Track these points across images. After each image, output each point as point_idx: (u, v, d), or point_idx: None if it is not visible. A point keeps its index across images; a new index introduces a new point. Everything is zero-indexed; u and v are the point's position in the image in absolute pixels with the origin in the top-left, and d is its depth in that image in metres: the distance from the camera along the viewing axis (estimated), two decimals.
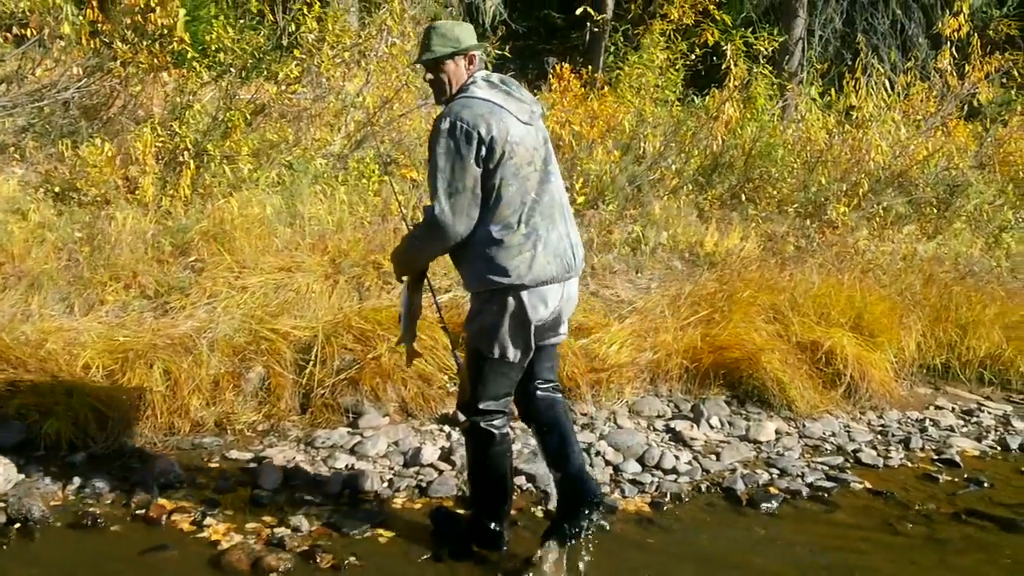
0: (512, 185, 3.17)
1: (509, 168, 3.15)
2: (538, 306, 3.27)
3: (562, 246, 3.29)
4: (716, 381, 5.56)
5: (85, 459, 4.19)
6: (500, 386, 3.39)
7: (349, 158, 7.57)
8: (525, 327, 3.27)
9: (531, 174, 3.23)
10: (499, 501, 3.57)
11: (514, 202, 3.18)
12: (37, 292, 5.17)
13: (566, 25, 21.13)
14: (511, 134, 3.15)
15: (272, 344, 4.95)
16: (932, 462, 4.96)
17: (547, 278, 3.23)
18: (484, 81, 3.28)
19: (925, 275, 7.15)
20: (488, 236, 3.18)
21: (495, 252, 3.18)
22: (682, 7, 9.10)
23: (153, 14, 6.53)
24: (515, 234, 3.18)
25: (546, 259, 3.22)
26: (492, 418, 3.41)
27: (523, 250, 3.18)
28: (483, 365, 3.35)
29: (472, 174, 3.11)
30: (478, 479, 3.57)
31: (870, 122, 9.43)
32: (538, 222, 3.22)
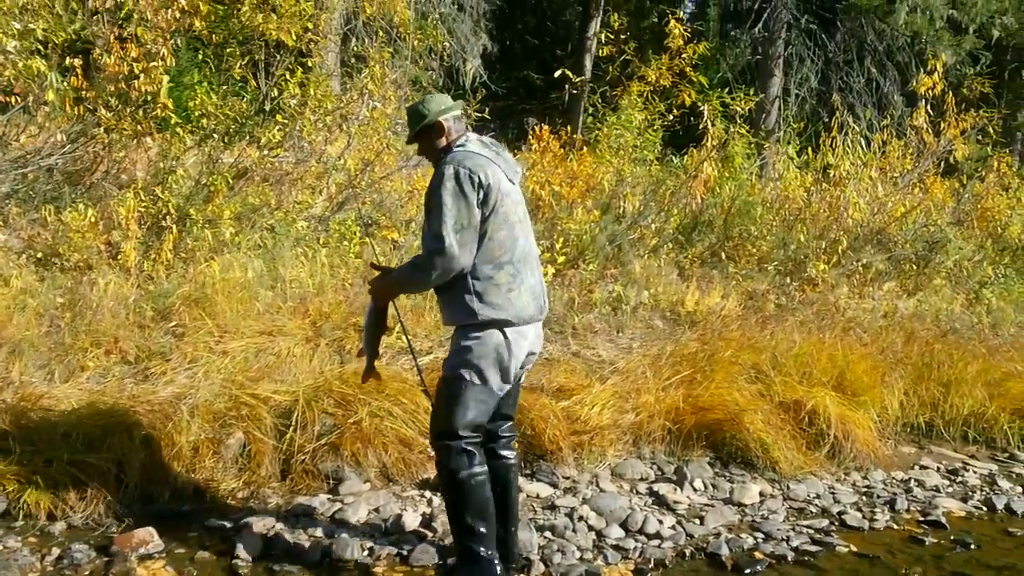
0: (503, 230, 3.49)
1: (500, 215, 3.48)
2: (520, 342, 3.56)
3: (537, 289, 3.64)
4: (699, 442, 5.53)
5: (64, 529, 4.12)
6: (479, 414, 3.58)
7: (331, 220, 7.62)
8: (506, 360, 3.53)
9: (516, 223, 3.56)
10: (487, 524, 3.62)
11: (504, 244, 3.50)
12: (18, 359, 5.15)
13: (545, 85, 21.43)
14: (502, 186, 3.50)
15: (252, 409, 4.91)
16: (918, 524, 4.93)
17: (527, 316, 3.56)
18: (478, 141, 3.63)
19: (906, 332, 7.19)
20: (481, 273, 3.48)
21: (486, 288, 3.48)
22: (659, 69, 9.27)
23: (137, 81, 6.63)
24: (504, 273, 3.49)
25: (527, 299, 3.55)
26: (471, 440, 3.58)
27: (511, 287, 3.50)
28: (464, 391, 3.54)
29: (475, 213, 3.41)
30: (462, 507, 3.61)
31: (847, 180, 9.58)
32: (521, 266, 3.55)
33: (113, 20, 7.29)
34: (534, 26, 25.25)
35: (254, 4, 7.83)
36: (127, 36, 6.97)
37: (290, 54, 8.23)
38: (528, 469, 5.12)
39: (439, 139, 3.67)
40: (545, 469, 5.10)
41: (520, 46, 24.50)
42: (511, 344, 3.51)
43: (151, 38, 6.87)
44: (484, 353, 3.50)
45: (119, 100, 6.90)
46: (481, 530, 3.60)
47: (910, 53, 16.98)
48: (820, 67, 17.33)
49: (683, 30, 9.27)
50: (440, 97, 3.77)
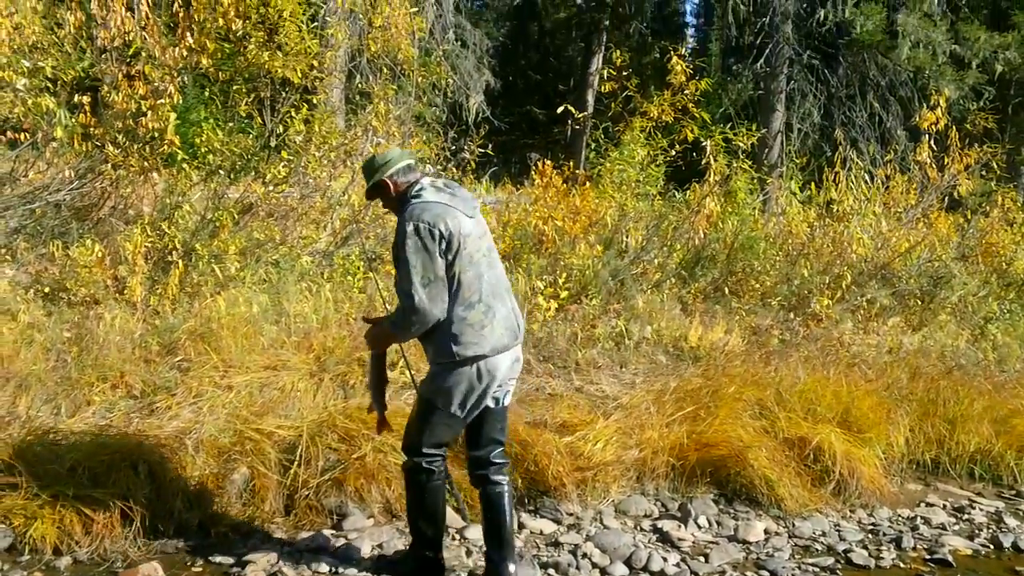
0: (469, 271, 3.69)
1: (465, 257, 3.67)
2: (495, 371, 3.77)
3: (510, 319, 3.83)
4: (703, 479, 5.51)
5: (70, 563, 4.14)
6: (443, 435, 3.92)
7: (335, 255, 7.65)
8: (477, 390, 3.75)
9: (480, 259, 3.76)
10: (436, 531, 4.05)
11: (472, 285, 3.70)
12: (25, 393, 5.17)
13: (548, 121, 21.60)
14: (463, 228, 3.68)
15: (257, 444, 4.92)
16: (924, 562, 4.90)
17: (501, 347, 3.76)
18: (431, 187, 3.80)
19: (912, 368, 7.16)
20: (454, 316, 3.67)
21: (461, 328, 3.67)
22: (661, 105, 9.34)
23: (144, 118, 6.71)
24: (476, 312, 3.69)
25: (501, 331, 3.75)
26: (432, 459, 3.91)
27: (484, 324, 3.70)
28: (433, 416, 3.83)
29: (439, 264, 3.61)
30: (417, 513, 4.02)
31: (851, 215, 9.60)
32: (491, 300, 3.75)
33: (121, 58, 7.41)
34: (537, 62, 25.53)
35: (260, 42, 7.93)
36: (135, 74, 7.08)
37: (295, 91, 8.31)
38: (531, 505, 5.11)
39: (391, 194, 3.87)
40: (548, 505, 5.10)
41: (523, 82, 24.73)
42: (483, 375, 3.73)
43: (158, 76, 6.98)
44: (456, 384, 3.73)
45: (127, 137, 6.99)
46: (429, 534, 4.03)
47: (913, 88, 17.10)
48: (823, 102, 17.45)
49: (685, 66, 9.34)
50: (387, 154, 3.93)
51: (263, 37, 7.91)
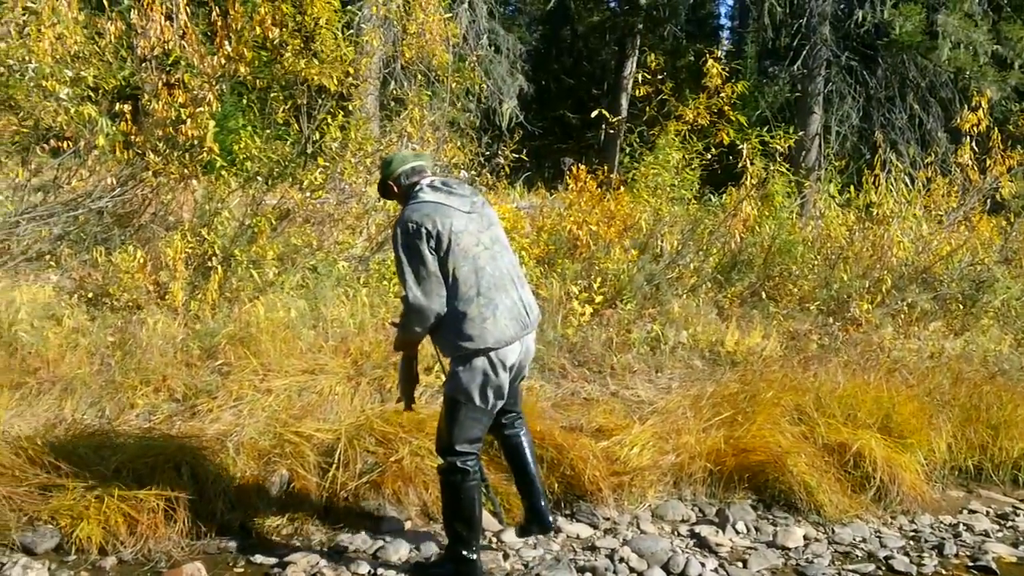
0: (464, 266, 3.78)
1: (458, 253, 3.77)
2: (506, 362, 3.87)
3: (516, 309, 3.91)
4: (741, 484, 5.48)
5: (115, 564, 4.20)
6: (473, 430, 3.98)
7: (371, 260, 7.70)
8: (493, 381, 3.86)
9: (480, 253, 3.85)
10: (472, 531, 4.08)
11: (469, 279, 3.79)
12: (70, 396, 5.27)
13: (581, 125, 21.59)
14: (454, 225, 3.78)
15: (296, 447, 4.98)
16: (967, 569, 4.83)
17: (507, 339, 3.84)
18: (428, 187, 3.93)
19: (954, 374, 7.06)
20: (454, 311, 3.78)
21: (461, 323, 3.78)
22: (697, 109, 9.31)
23: (184, 126, 6.81)
24: (475, 306, 3.78)
25: (505, 323, 3.83)
26: (466, 458, 3.98)
27: (485, 317, 3.78)
28: (459, 411, 3.93)
29: (430, 261, 3.74)
30: (453, 514, 4.09)
31: (891, 218, 9.50)
32: (493, 293, 3.83)
33: (161, 67, 7.52)
34: (570, 66, 25.51)
35: (296, 50, 8.00)
36: (174, 82, 7.18)
37: (331, 98, 8.37)
38: (568, 509, 5.11)
39: (395, 193, 4.08)
40: (585, 510, 5.09)
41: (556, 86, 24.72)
42: (496, 366, 3.84)
43: (198, 84, 7.08)
44: (472, 378, 3.85)
45: (167, 144, 7.09)
46: (464, 535, 4.06)
47: (954, 89, 16.88)
48: (861, 104, 17.26)
49: (721, 69, 9.30)
50: (393, 156, 4.13)
51: (299, 45, 7.98)
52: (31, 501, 4.38)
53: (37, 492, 4.42)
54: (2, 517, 4.29)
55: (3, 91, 6.62)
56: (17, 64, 6.54)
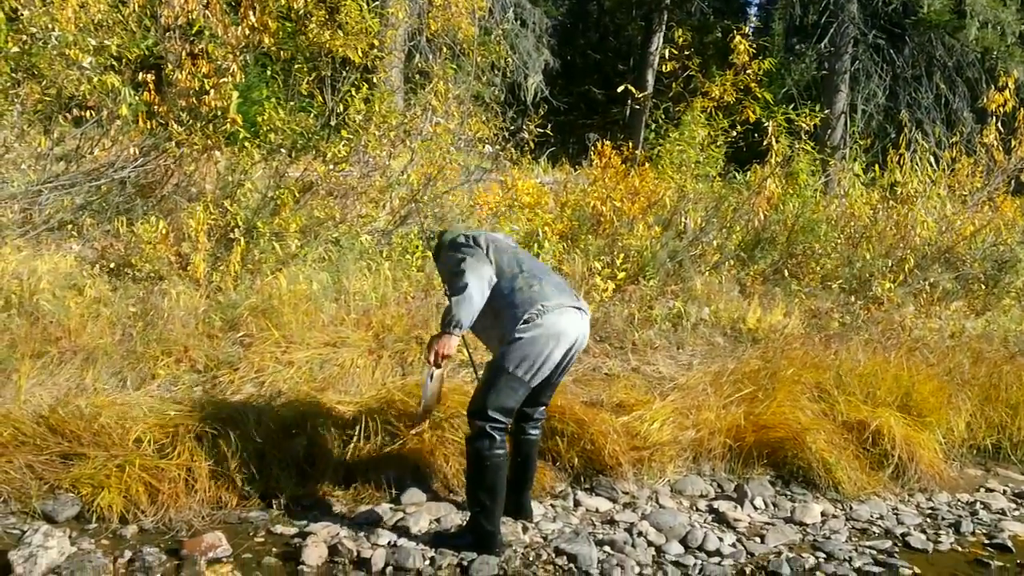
0: (504, 257, 4.18)
1: (498, 251, 4.20)
2: (559, 335, 4.00)
3: (562, 285, 4.21)
4: (760, 461, 5.48)
5: (136, 532, 4.24)
6: (508, 399, 4.04)
7: (393, 234, 7.70)
8: (542, 355, 3.98)
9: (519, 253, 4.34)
10: (495, 502, 4.12)
11: (512, 264, 4.16)
12: (92, 366, 5.30)
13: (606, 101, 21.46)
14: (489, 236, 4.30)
15: (317, 419, 5.01)
16: (984, 547, 4.82)
17: (555, 302, 4.01)
18: None
19: (974, 353, 7.03)
20: (501, 294, 4.06)
21: (512, 296, 4.04)
22: (724, 85, 9.23)
23: (207, 96, 6.80)
24: (520, 279, 4.08)
25: (551, 289, 4.07)
26: (496, 425, 4.04)
27: (531, 284, 4.05)
28: (500, 378, 4.02)
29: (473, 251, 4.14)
30: (477, 483, 4.14)
31: (915, 197, 9.41)
32: (536, 271, 4.18)
33: (184, 37, 7.50)
34: (596, 41, 25.32)
35: (321, 21, 7.99)
36: (198, 52, 7.17)
37: (356, 70, 8.36)
38: (587, 483, 5.12)
39: None
40: (604, 484, 5.10)
41: (582, 61, 24.56)
42: (549, 340, 3.97)
43: (221, 54, 7.06)
44: (523, 349, 3.96)
45: (190, 115, 7.09)
46: (487, 504, 4.12)
47: (980, 69, 16.68)
48: (888, 83, 17.08)
49: (748, 46, 9.21)
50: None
51: (324, 16, 7.97)
52: (52, 469, 4.43)
53: (58, 461, 4.47)
54: (24, 485, 4.34)
55: (26, 59, 6.63)
56: (40, 32, 6.54)
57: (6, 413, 4.66)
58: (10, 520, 4.20)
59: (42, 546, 3.82)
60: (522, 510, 4.56)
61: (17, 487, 4.32)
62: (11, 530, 4.10)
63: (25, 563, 3.72)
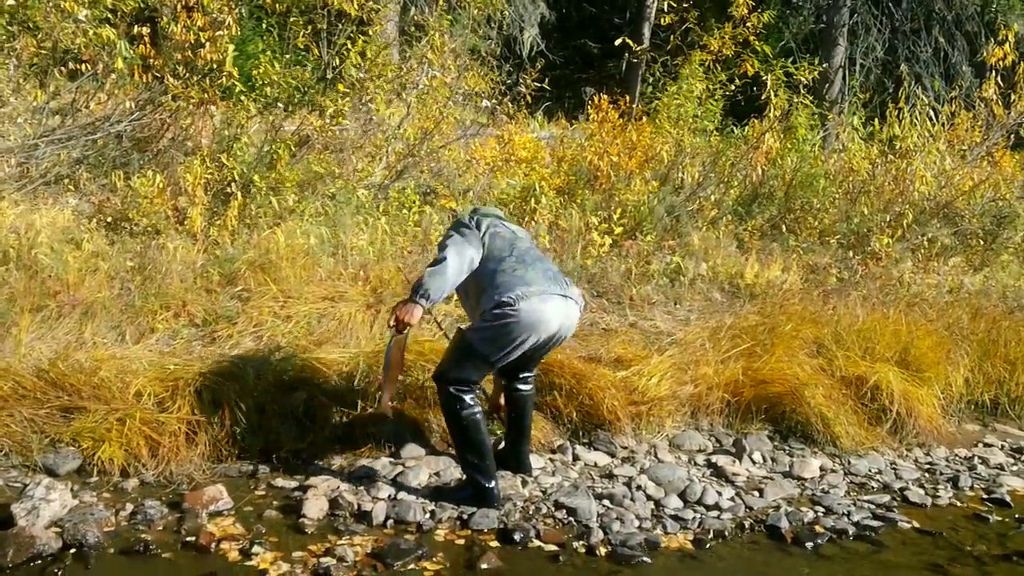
0: (498, 240, 4.21)
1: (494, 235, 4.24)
2: (536, 324, 3.98)
3: (550, 272, 4.14)
4: (758, 415, 5.51)
5: (137, 485, 4.26)
6: (471, 375, 4.13)
7: (390, 188, 7.66)
8: (514, 342, 4.00)
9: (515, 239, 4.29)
10: (483, 458, 4.18)
11: (504, 248, 4.17)
12: (90, 320, 5.29)
13: (602, 55, 21.23)
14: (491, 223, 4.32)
15: (316, 373, 5.01)
16: (982, 501, 4.86)
17: (537, 288, 3.98)
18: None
19: (972, 309, 7.04)
20: (487, 271, 4.09)
21: (495, 276, 4.05)
22: (722, 39, 9.14)
23: (203, 50, 6.73)
24: (507, 262, 4.09)
25: (535, 275, 4.04)
26: (460, 389, 4.12)
27: (515, 269, 4.05)
28: (465, 352, 4.10)
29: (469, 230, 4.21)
30: (460, 441, 4.22)
31: (914, 152, 9.36)
32: (526, 257, 4.16)
33: None
34: None
35: None
36: (193, 5, 7.06)
37: (351, 23, 8.25)
38: (586, 438, 5.15)
39: None
40: (603, 438, 5.12)
41: (578, 14, 24.25)
42: (524, 328, 3.97)
43: (217, 7, 6.96)
44: (495, 332, 4.00)
45: (185, 68, 7.01)
46: (477, 462, 4.18)
47: (979, 23, 16.51)
48: (886, 36, 16.90)
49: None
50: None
51: None
52: (53, 423, 4.44)
53: (59, 414, 4.48)
54: (25, 439, 4.35)
55: (22, 12, 6.55)
56: None
57: (6, 367, 4.65)
58: (12, 474, 4.22)
59: (44, 499, 3.83)
60: (520, 464, 4.60)
61: (18, 441, 4.34)
62: (13, 483, 4.12)
63: (28, 516, 3.73)
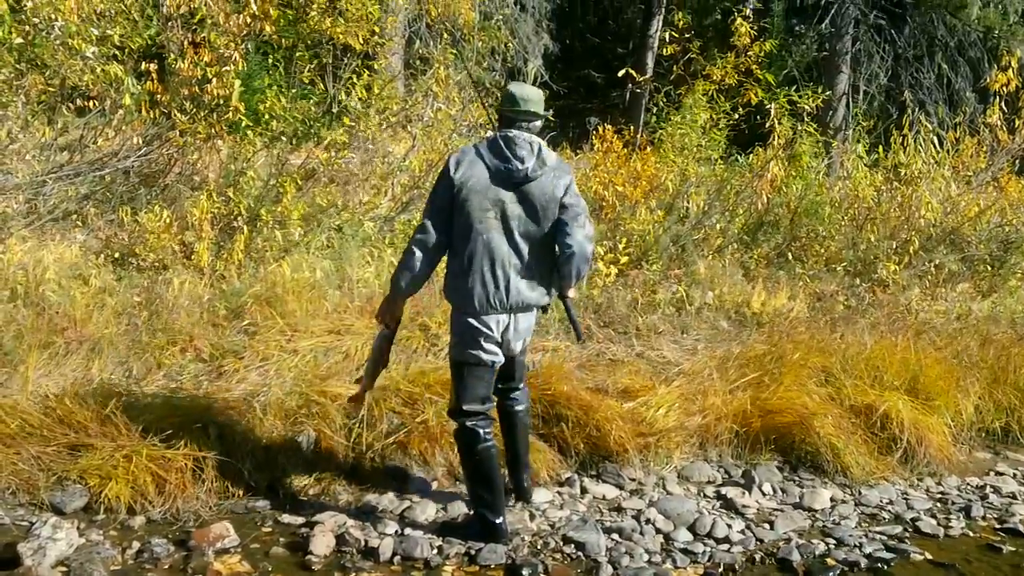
0: (464, 222, 3.86)
1: (466, 209, 3.84)
2: (487, 328, 3.94)
3: (491, 287, 3.89)
4: (767, 446, 5.47)
5: (144, 523, 4.24)
6: (478, 388, 4.07)
7: (396, 220, 7.68)
8: (482, 337, 3.95)
9: (489, 220, 3.88)
10: (494, 495, 4.14)
11: (463, 235, 3.87)
12: (98, 357, 5.29)
13: (605, 84, 21.35)
14: (474, 183, 3.85)
15: (322, 407, 4.99)
16: (995, 531, 4.81)
17: (477, 308, 3.90)
18: (493, 140, 3.96)
19: (981, 335, 7.02)
20: (449, 260, 3.99)
21: (450, 273, 3.98)
22: (725, 68, 9.18)
23: (210, 85, 6.79)
24: (458, 262, 3.92)
25: (479, 290, 3.88)
26: (475, 419, 4.06)
27: (461, 275, 3.90)
28: (461, 371, 4.06)
29: (442, 199, 3.89)
30: (472, 478, 4.19)
31: (919, 178, 9.37)
32: (479, 261, 3.87)
33: (186, 26, 7.49)
34: (595, 25, 25.14)
35: (322, 9, 7.95)
36: (200, 41, 7.15)
37: (356, 57, 8.32)
38: (594, 470, 5.12)
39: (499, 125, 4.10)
40: (611, 471, 5.09)
41: (581, 45, 24.41)
42: (480, 328, 3.93)
43: (223, 43, 7.04)
44: (460, 334, 4.01)
45: (193, 103, 7.07)
46: (487, 498, 4.14)
47: (982, 49, 16.58)
48: (889, 63, 16.97)
49: (749, 28, 9.15)
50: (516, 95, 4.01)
51: (325, 3, 7.94)
52: (60, 460, 4.42)
53: (66, 452, 4.46)
54: (31, 476, 4.33)
55: (30, 50, 6.61)
56: (43, 23, 6.52)
57: (13, 404, 4.64)
58: (19, 512, 4.20)
59: (51, 538, 3.82)
60: (518, 489, 4.59)
61: (25, 479, 4.32)
62: (20, 522, 4.10)
63: (34, 555, 3.71)
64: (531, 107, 3.98)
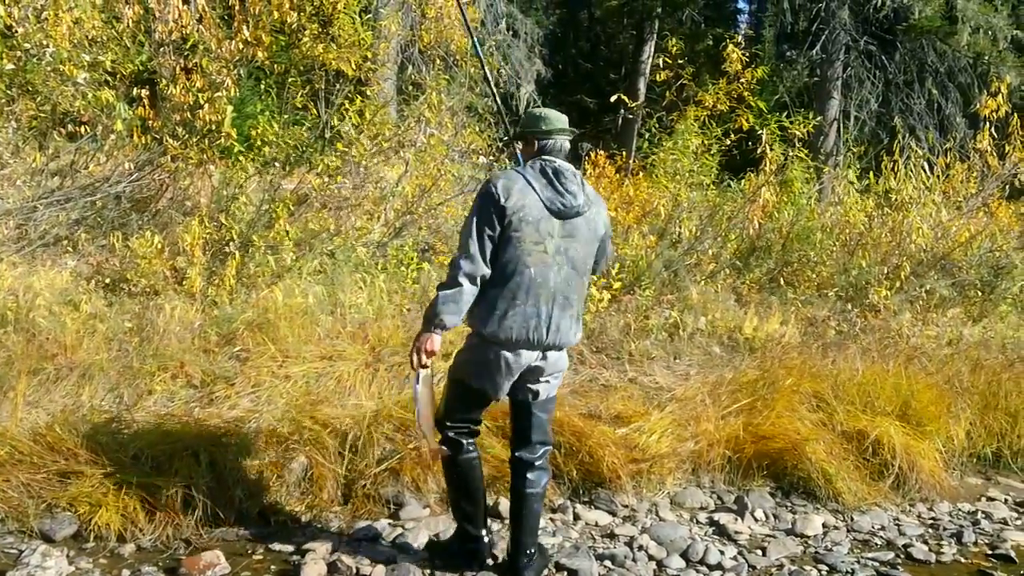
0: (512, 254, 3.65)
1: (514, 239, 3.63)
2: (511, 365, 3.75)
3: (534, 322, 3.70)
4: (760, 472, 5.47)
5: (134, 551, 4.21)
6: (465, 412, 3.99)
7: (389, 246, 7.68)
8: (495, 375, 3.78)
9: (537, 253, 3.68)
10: (475, 508, 4.08)
11: (506, 269, 3.65)
12: (88, 383, 5.27)
13: (598, 110, 21.47)
14: (527, 213, 3.64)
15: (314, 434, 4.97)
16: (986, 557, 4.82)
17: (515, 342, 3.70)
18: (539, 167, 3.76)
19: (972, 361, 7.04)
20: (484, 291, 3.69)
21: (483, 303, 3.69)
22: (717, 94, 9.23)
23: (202, 111, 6.80)
24: (501, 295, 3.67)
25: (519, 327, 3.68)
26: (457, 431, 3.98)
27: (497, 309, 3.67)
28: (455, 389, 3.97)
29: (490, 224, 3.62)
30: (454, 489, 4.12)
31: (910, 204, 9.41)
32: (522, 295, 3.67)
33: (179, 51, 7.50)
34: (587, 51, 25.34)
35: (314, 35, 7.98)
36: (192, 67, 7.17)
37: (349, 83, 8.35)
38: (586, 497, 5.11)
39: (523, 149, 4.02)
40: (603, 497, 5.08)
41: (573, 71, 24.59)
42: (500, 362, 3.74)
43: (215, 69, 7.06)
44: (475, 362, 3.83)
45: (184, 129, 7.08)
46: (468, 511, 4.08)
47: (972, 74, 16.73)
48: (880, 89, 17.11)
49: (740, 54, 9.21)
50: (547, 118, 3.88)
51: (317, 29, 7.96)
52: (49, 488, 4.40)
53: (55, 479, 4.43)
54: (21, 504, 4.31)
55: (21, 76, 6.62)
56: (35, 49, 6.54)
57: (3, 431, 4.62)
58: (8, 540, 4.18)
59: (40, 566, 3.81)
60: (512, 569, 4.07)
61: (14, 506, 4.30)
62: (9, 550, 4.08)
63: None
64: (563, 124, 3.86)
